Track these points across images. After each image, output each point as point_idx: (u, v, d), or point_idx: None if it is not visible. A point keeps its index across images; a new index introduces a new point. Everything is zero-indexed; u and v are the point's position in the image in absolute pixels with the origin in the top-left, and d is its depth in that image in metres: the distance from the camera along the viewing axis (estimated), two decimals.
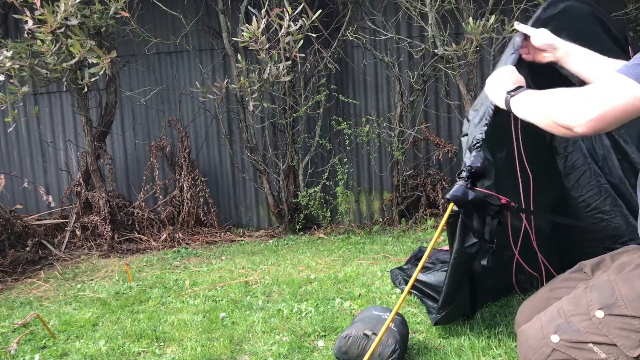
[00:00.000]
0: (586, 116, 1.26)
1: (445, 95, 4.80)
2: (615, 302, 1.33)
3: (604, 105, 1.25)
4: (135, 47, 4.88)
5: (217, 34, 4.84)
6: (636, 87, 1.24)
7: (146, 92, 5.00)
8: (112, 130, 4.96)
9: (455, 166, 4.79)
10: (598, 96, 1.27)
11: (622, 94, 1.25)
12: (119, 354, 2.30)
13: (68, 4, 3.38)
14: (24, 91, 3.66)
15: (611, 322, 1.32)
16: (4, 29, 5.09)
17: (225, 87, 4.11)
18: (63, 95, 5.19)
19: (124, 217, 4.74)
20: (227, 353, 2.22)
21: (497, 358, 1.97)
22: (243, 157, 5.02)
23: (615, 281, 1.38)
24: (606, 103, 1.25)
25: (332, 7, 4.71)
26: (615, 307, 1.33)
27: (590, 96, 1.29)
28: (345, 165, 4.76)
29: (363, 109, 4.94)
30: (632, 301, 1.32)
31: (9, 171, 5.19)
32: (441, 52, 4.09)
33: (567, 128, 1.31)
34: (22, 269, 4.03)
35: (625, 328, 1.30)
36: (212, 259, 3.98)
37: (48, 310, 3.01)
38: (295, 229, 4.70)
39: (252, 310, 2.72)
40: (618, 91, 1.25)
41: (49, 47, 3.50)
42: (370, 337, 1.96)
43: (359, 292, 2.87)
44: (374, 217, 5.00)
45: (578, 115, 1.28)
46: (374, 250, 3.90)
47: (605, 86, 1.29)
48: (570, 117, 1.30)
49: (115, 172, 4.90)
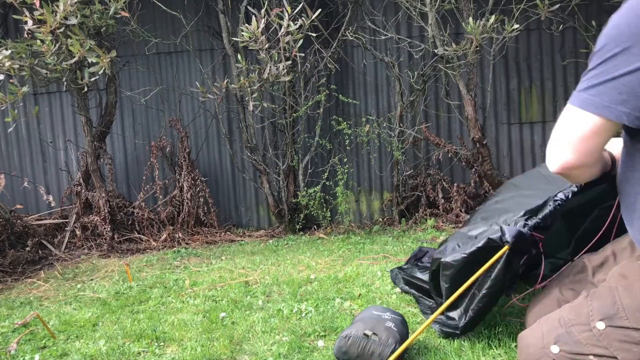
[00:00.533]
0: (558, 160, 1.32)
1: (445, 95, 4.80)
2: (617, 312, 1.30)
3: (570, 142, 1.30)
4: (135, 47, 4.88)
5: (217, 34, 4.84)
6: (582, 114, 1.28)
7: (146, 92, 5.00)
8: (112, 130, 4.96)
9: (456, 166, 4.80)
10: (560, 138, 1.33)
11: (577, 125, 1.29)
12: (119, 354, 2.30)
13: (67, 3, 3.38)
14: (24, 91, 3.66)
15: (612, 334, 1.29)
16: (4, 29, 5.09)
17: (225, 87, 4.11)
18: (63, 95, 5.19)
19: (124, 217, 4.74)
20: (227, 353, 2.22)
21: (497, 358, 1.97)
22: (243, 157, 5.02)
23: (617, 289, 1.35)
24: (570, 140, 1.30)
25: (332, 7, 4.71)
26: (617, 319, 1.30)
27: (555, 140, 1.35)
28: (345, 165, 4.76)
29: (363, 109, 4.94)
30: (633, 312, 1.29)
31: (9, 171, 5.20)
32: (441, 52, 4.09)
33: (558, 174, 1.36)
34: (22, 269, 4.03)
35: (626, 340, 1.28)
36: (212, 259, 3.98)
37: (48, 310, 3.01)
38: (295, 229, 4.70)
39: (252, 310, 2.72)
40: (574, 124, 1.30)
41: (48, 47, 3.50)
42: (370, 337, 1.96)
43: (359, 292, 2.87)
44: (374, 217, 5.00)
45: (553, 162, 1.35)
46: (374, 250, 3.90)
47: (561, 123, 1.35)
48: (551, 165, 1.36)
49: (115, 172, 4.90)
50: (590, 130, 1.26)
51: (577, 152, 1.28)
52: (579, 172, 1.32)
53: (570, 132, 1.30)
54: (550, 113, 4.81)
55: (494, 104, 4.80)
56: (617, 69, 1.18)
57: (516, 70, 4.82)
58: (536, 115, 4.83)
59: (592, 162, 1.30)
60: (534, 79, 4.81)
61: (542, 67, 4.79)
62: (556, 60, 4.78)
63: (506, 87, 4.85)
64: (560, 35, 4.68)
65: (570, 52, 4.73)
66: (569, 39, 4.73)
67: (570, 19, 4.44)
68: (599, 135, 1.25)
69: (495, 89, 4.81)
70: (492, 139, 4.84)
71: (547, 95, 4.81)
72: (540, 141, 4.83)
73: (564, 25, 4.44)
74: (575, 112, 1.30)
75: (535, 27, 4.62)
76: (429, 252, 3.25)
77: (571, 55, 4.73)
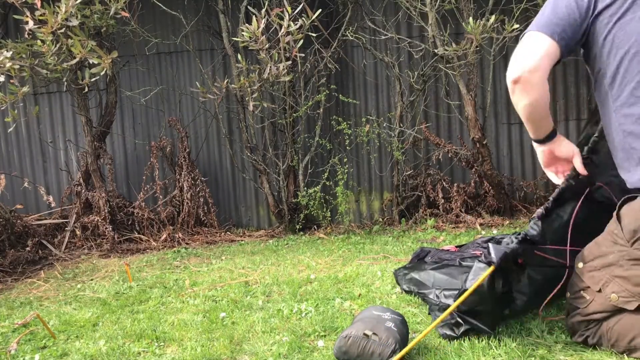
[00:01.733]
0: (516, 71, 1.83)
1: (445, 95, 4.80)
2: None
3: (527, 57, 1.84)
4: (135, 47, 4.88)
5: (217, 34, 4.84)
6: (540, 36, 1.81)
7: (146, 92, 5.00)
8: (112, 130, 4.97)
9: (456, 166, 4.80)
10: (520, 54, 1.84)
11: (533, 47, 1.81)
12: (119, 354, 2.30)
13: (69, 4, 3.38)
14: (24, 91, 3.66)
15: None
16: (4, 29, 5.09)
17: (225, 87, 4.11)
18: (63, 95, 5.19)
19: (124, 217, 4.74)
20: (227, 353, 2.22)
21: (497, 358, 1.97)
22: (243, 157, 5.02)
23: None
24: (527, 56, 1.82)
25: (332, 7, 4.71)
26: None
27: (516, 56, 1.85)
28: (345, 165, 4.76)
29: (363, 109, 4.94)
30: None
31: (9, 171, 5.20)
32: (441, 52, 4.09)
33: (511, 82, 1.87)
34: (22, 269, 4.03)
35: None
36: (212, 259, 3.98)
37: (48, 310, 3.01)
38: (295, 229, 4.71)
39: (252, 310, 2.72)
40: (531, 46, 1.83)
41: (49, 48, 3.50)
42: (370, 337, 1.96)
43: (359, 292, 2.87)
44: (374, 217, 5.00)
45: (511, 72, 1.86)
46: (374, 250, 3.90)
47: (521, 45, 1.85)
48: (508, 75, 1.86)
49: (115, 172, 4.90)
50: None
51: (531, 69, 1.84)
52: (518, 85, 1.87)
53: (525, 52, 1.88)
54: (550, 113, 4.80)
55: (494, 104, 4.80)
56: None
57: None
58: None
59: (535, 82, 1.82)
60: None
61: None
62: None
63: (506, 87, 4.84)
64: None
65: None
66: None
67: None
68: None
69: (495, 89, 4.81)
70: (492, 139, 4.85)
71: None
72: None
73: None
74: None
75: None
76: (431, 252, 3.25)
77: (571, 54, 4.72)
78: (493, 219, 4.46)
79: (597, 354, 1.93)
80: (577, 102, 4.78)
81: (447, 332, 2.16)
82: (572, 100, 4.78)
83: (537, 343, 2.03)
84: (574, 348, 1.99)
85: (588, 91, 4.70)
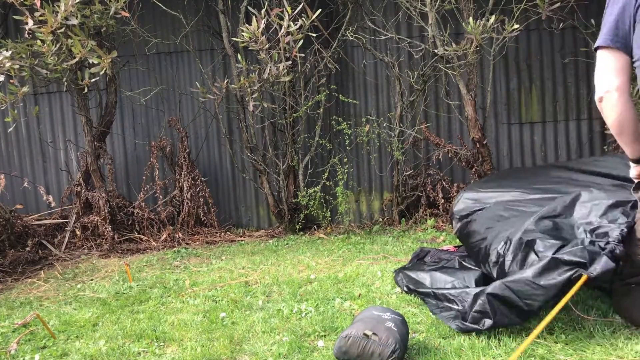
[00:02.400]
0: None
1: (445, 95, 4.80)
2: None
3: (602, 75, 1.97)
4: (135, 47, 4.88)
5: (217, 34, 4.84)
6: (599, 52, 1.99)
7: (146, 92, 5.00)
8: (112, 130, 4.97)
9: (456, 166, 4.80)
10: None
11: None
12: (119, 354, 2.30)
13: (68, 4, 3.38)
14: (24, 91, 3.66)
15: None
16: (4, 29, 5.09)
17: (225, 87, 4.11)
18: (63, 95, 5.19)
19: (124, 217, 4.74)
20: (227, 353, 2.22)
21: (497, 358, 1.97)
22: (243, 157, 5.02)
23: None
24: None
25: (332, 7, 4.71)
26: None
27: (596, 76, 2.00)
28: (345, 165, 4.76)
29: (363, 109, 4.94)
30: None
31: (9, 171, 5.19)
32: (441, 52, 4.09)
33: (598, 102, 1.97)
34: (22, 269, 4.03)
35: None
36: (212, 259, 3.98)
37: (48, 310, 3.01)
38: (295, 229, 4.70)
39: (252, 310, 2.72)
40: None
41: (49, 48, 3.50)
42: (370, 337, 1.96)
43: (359, 292, 2.87)
44: (374, 217, 5.00)
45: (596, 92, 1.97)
46: (374, 250, 3.90)
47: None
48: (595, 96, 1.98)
49: (115, 172, 4.90)
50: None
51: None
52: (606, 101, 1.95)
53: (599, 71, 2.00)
54: (550, 113, 4.81)
55: (494, 104, 4.80)
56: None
57: (516, 70, 4.82)
58: (536, 115, 4.83)
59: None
60: (534, 79, 4.81)
61: (542, 67, 4.79)
62: (556, 60, 4.78)
63: (506, 87, 4.85)
64: (560, 35, 4.68)
65: (570, 52, 4.73)
66: (569, 39, 4.73)
67: (570, 18, 4.44)
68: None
69: (495, 89, 4.81)
70: (492, 139, 4.84)
71: (547, 95, 4.81)
72: (540, 141, 4.83)
73: (564, 23, 4.44)
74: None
75: (535, 27, 4.62)
76: (431, 252, 3.26)
77: (571, 55, 4.73)
78: None
79: (597, 353, 1.93)
80: (577, 102, 4.78)
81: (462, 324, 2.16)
82: (572, 100, 4.78)
83: (537, 343, 2.03)
84: (574, 348, 1.99)
85: (588, 91, 4.70)
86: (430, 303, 2.52)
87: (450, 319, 2.28)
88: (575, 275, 1.93)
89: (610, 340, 2.01)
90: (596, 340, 2.02)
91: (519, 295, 2.00)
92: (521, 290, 2.00)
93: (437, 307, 2.45)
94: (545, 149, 4.83)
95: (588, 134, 4.76)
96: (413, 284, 2.77)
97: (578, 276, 1.93)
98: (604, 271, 1.92)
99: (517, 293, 2.01)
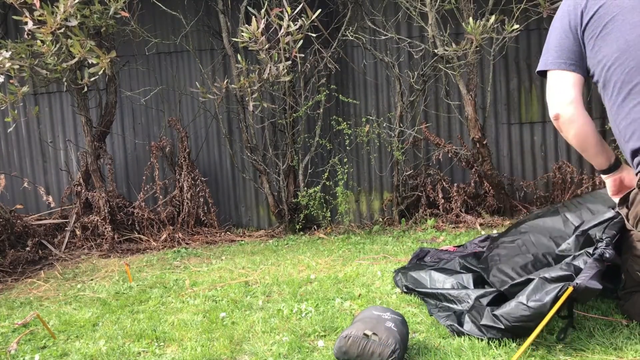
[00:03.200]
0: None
1: (445, 95, 4.80)
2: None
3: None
4: (135, 47, 4.88)
5: (217, 34, 4.84)
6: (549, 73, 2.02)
7: (146, 92, 5.00)
8: (112, 130, 4.97)
9: (456, 166, 4.80)
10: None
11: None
12: (119, 354, 2.30)
13: (67, 4, 3.38)
14: (24, 91, 3.66)
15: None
16: (4, 29, 5.09)
17: (225, 87, 4.11)
18: (63, 95, 5.19)
19: (124, 217, 4.74)
20: (227, 353, 2.22)
21: (497, 358, 1.97)
22: (243, 157, 5.02)
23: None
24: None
25: (332, 7, 4.71)
26: None
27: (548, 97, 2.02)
28: (345, 165, 4.76)
29: (363, 109, 4.94)
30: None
31: (9, 171, 5.20)
32: (441, 52, 4.09)
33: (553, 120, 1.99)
34: (22, 269, 4.03)
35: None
36: (212, 259, 3.99)
37: (48, 310, 3.01)
38: (295, 229, 4.70)
39: (252, 310, 2.72)
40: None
41: (49, 48, 3.50)
42: (370, 337, 1.96)
43: (359, 292, 2.87)
44: (374, 217, 5.00)
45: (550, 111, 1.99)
46: (374, 250, 3.90)
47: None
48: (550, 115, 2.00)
49: (115, 172, 4.90)
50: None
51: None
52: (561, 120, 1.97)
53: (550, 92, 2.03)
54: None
55: (494, 104, 4.80)
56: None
57: (516, 70, 4.82)
58: (536, 115, 4.83)
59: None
60: (534, 79, 4.81)
61: None
62: None
63: (506, 87, 4.85)
64: None
65: None
66: None
67: None
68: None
69: (495, 89, 4.81)
70: (492, 139, 4.84)
71: None
72: (540, 141, 4.83)
73: None
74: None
75: (535, 27, 4.61)
76: (431, 252, 3.26)
77: None
78: (493, 219, 4.46)
79: (597, 353, 1.93)
80: None
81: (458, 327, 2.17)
82: None
83: (537, 343, 2.03)
84: (574, 348, 1.99)
85: (588, 91, 4.70)
86: (429, 303, 2.53)
87: (447, 319, 2.29)
88: (562, 292, 1.91)
89: (610, 340, 2.02)
90: (596, 340, 2.02)
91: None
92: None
93: (436, 307, 2.45)
94: (545, 149, 4.83)
95: None
96: (412, 283, 2.77)
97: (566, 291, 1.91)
98: (593, 275, 1.90)
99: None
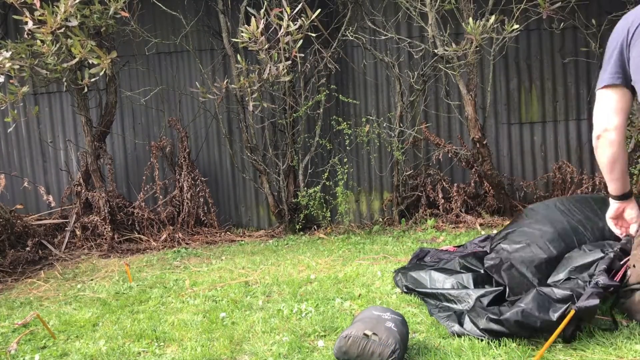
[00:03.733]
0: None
1: (445, 95, 4.80)
2: None
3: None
4: (135, 47, 4.88)
5: (217, 34, 4.84)
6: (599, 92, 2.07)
7: (146, 92, 5.00)
8: (112, 130, 4.97)
9: (456, 166, 4.80)
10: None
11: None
12: (119, 354, 2.30)
13: (68, 4, 3.38)
14: (24, 91, 3.66)
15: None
16: (4, 29, 5.09)
17: (225, 87, 4.11)
18: (63, 95, 5.19)
19: (124, 217, 4.74)
20: (227, 353, 2.22)
21: (497, 358, 1.97)
22: (243, 157, 5.02)
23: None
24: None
25: (332, 7, 4.71)
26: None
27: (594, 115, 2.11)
28: (345, 165, 4.76)
29: (363, 109, 4.94)
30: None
31: (9, 171, 5.19)
32: (441, 52, 4.09)
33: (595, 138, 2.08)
34: (22, 269, 4.03)
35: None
36: (212, 259, 3.98)
37: (48, 310, 3.01)
38: (295, 229, 4.70)
39: (252, 310, 2.72)
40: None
41: (49, 48, 3.50)
42: (370, 337, 1.96)
43: (359, 292, 2.87)
44: (374, 217, 5.00)
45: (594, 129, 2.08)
46: (374, 250, 3.90)
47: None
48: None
49: (115, 172, 4.90)
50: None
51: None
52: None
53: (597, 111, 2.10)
54: (550, 113, 4.81)
55: (494, 104, 4.80)
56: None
57: (516, 70, 4.82)
58: (536, 115, 4.83)
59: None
60: (534, 79, 4.81)
61: (542, 67, 4.79)
62: (556, 60, 4.78)
63: (506, 87, 4.85)
64: (560, 35, 4.68)
65: (570, 52, 4.73)
66: (569, 39, 4.72)
67: (571, 17, 4.44)
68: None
69: (495, 89, 4.81)
70: (492, 139, 4.84)
71: (547, 95, 4.81)
72: (540, 141, 4.83)
73: (564, 23, 4.44)
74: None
75: (535, 27, 4.62)
76: (431, 252, 3.26)
77: (571, 55, 4.73)
78: (493, 219, 4.46)
79: (597, 353, 1.94)
80: (577, 102, 4.78)
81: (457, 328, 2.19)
82: (572, 100, 4.78)
83: (537, 343, 2.04)
84: (574, 348, 1.99)
85: (588, 91, 4.70)
86: (429, 303, 2.52)
87: (447, 319, 2.29)
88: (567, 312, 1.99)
89: (610, 340, 2.02)
90: (596, 340, 2.03)
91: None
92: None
93: (436, 307, 2.45)
94: (545, 149, 4.83)
95: (588, 134, 4.76)
96: (412, 283, 2.77)
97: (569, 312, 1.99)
98: (590, 296, 2.01)
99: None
